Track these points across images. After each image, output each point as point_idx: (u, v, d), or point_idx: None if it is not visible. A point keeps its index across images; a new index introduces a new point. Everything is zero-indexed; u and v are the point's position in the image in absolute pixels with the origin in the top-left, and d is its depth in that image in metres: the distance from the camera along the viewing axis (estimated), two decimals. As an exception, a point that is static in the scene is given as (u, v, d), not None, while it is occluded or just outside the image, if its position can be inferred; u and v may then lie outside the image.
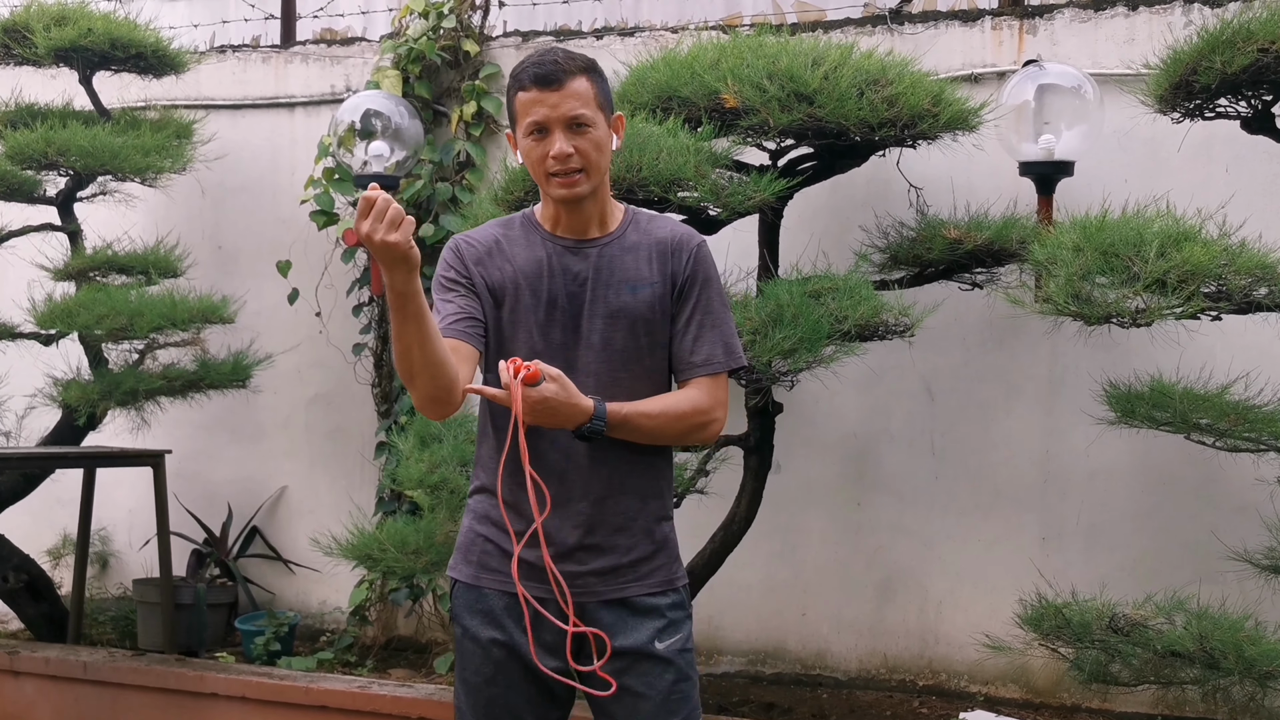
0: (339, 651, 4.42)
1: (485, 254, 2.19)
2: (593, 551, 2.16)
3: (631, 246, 2.20)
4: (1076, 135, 3.76)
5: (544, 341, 2.15)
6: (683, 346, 2.20)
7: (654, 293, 2.18)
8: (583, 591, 2.15)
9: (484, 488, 2.20)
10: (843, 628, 4.18)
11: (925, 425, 4.07)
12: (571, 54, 2.15)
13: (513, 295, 2.16)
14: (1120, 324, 3.06)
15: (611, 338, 2.16)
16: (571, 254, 2.19)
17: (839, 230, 4.06)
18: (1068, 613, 3.14)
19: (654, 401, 2.18)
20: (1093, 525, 3.92)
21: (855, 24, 4.21)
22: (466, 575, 2.20)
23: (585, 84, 2.12)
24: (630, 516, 2.18)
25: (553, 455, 2.14)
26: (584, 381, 2.13)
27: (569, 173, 2.13)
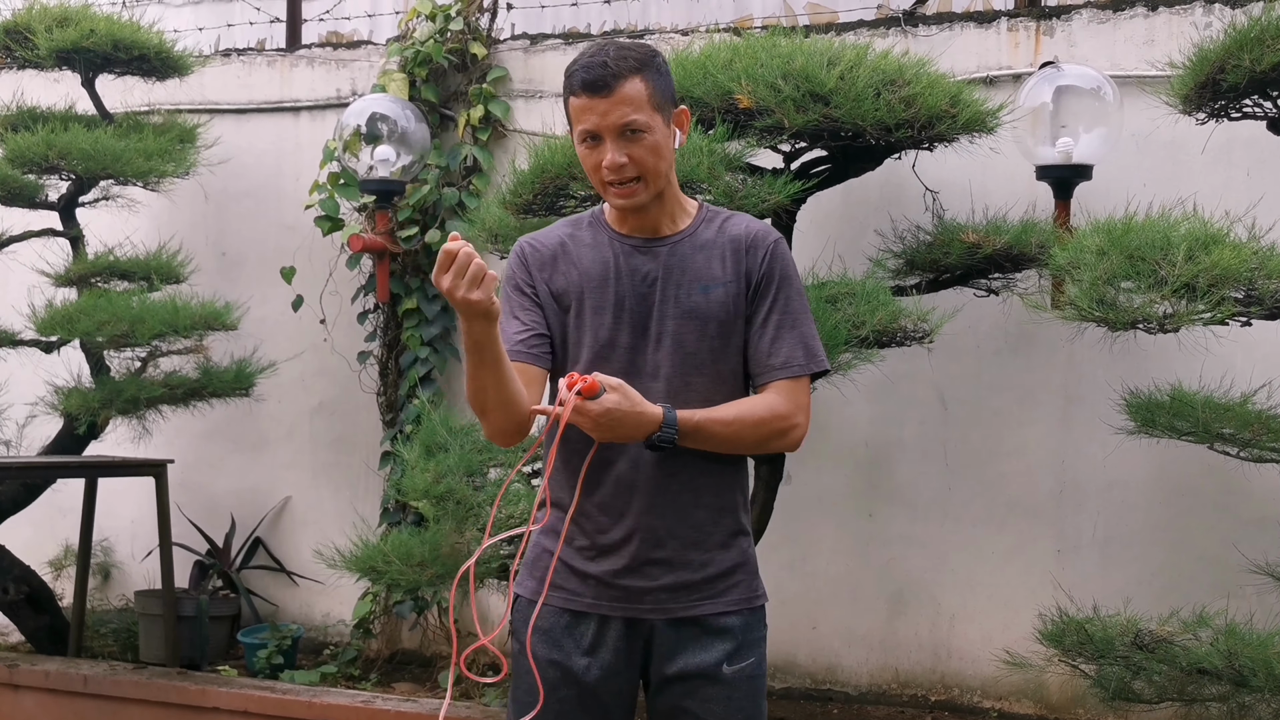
0: (343, 665, 4.34)
1: (550, 258, 2.12)
2: (662, 566, 2.06)
3: (704, 244, 2.10)
4: (1095, 138, 3.70)
5: (612, 345, 2.07)
6: (760, 348, 2.10)
7: (727, 292, 2.08)
8: (652, 608, 2.07)
9: (552, 501, 2.12)
10: (854, 641, 4.11)
11: (938, 435, 4.01)
12: (625, 51, 2.02)
13: (578, 299, 2.09)
14: (1147, 330, 2.99)
15: (683, 340, 2.07)
16: (640, 253, 2.10)
17: (853, 235, 3.99)
18: (1090, 628, 3.07)
19: (729, 407, 2.07)
20: (1109, 537, 3.86)
21: (869, 26, 4.15)
22: (529, 590, 2.12)
23: (639, 85, 2.00)
24: (704, 530, 2.09)
25: (621, 465, 2.06)
26: (653, 386, 2.05)
27: (625, 181, 2.03)
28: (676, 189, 2.14)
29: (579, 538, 2.08)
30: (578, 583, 2.09)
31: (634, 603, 2.07)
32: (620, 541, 2.07)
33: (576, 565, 2.08)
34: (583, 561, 2.08)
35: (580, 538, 2.08)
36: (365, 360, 4.59)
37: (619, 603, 2.07)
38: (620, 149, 2.01)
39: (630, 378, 2.04)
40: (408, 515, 4.32)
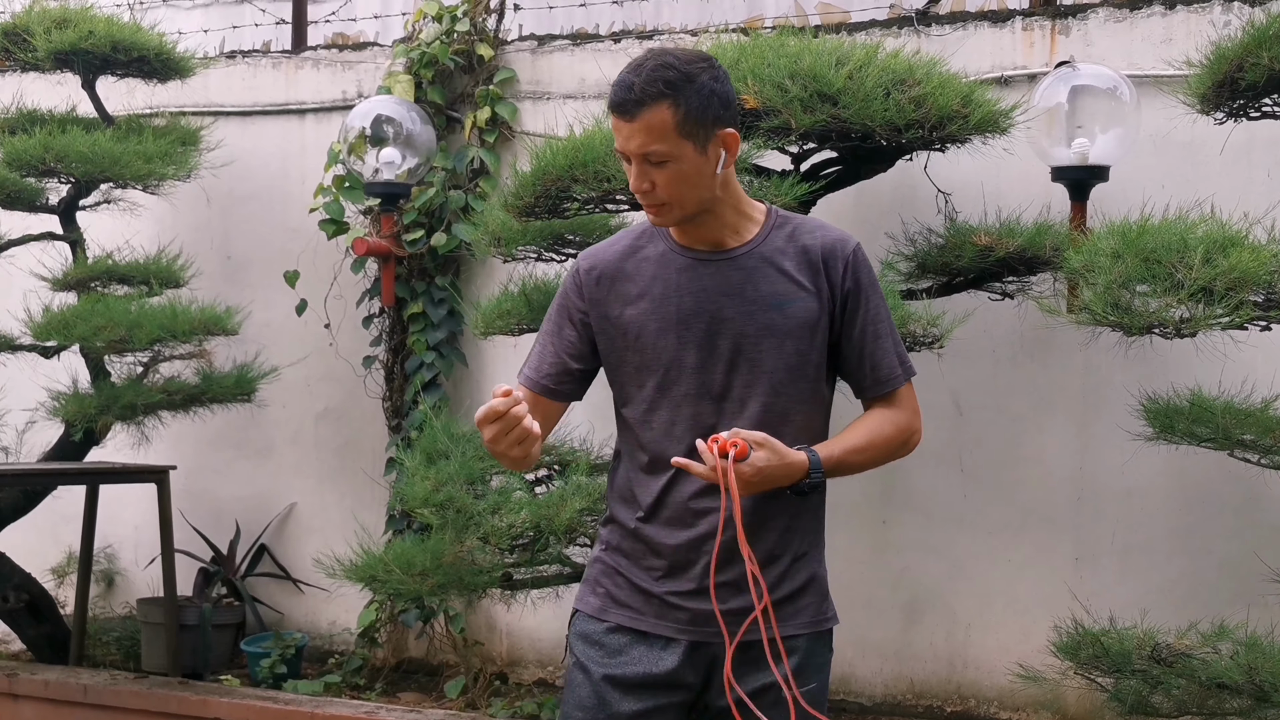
0: (347, 674, 4.29)
1: (609, 278, 2.03)
2: (729, 589, 1.97)
3: (775, 255, 2.00)
4: (1111, 139, 3.63)
5: (678, 367, 1.98)
6: (864, 364, 2.03)
7: (806, 308, 1.98)
8: (718, 632, 1.98)
9: (615, 519, 2.06)
10: (867, 651, 4.04)
11: (953, 441, 3.94)
12: (659, 72, 1.90)
13: (640, 319, 2.00)
14: (1163, 334, 2.92)
15: (758, 359, 1.97)
16: (704, 266, 2.00)
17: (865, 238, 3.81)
18: (1106, 641, 3.00)
19: (859, 433, 2.02)
20: (1128, 546, 3.78)
21: (880, 25, 4.09)
22: (591, 606, 2.06)
23: (664, 114, 1.89)
24: (773, 552, 2.00)
25: (684, 483, 1.97)
26: (726, 408, 1.97)
27: (653, 205, 1.97)
28: (735, 200, 2.01)
29: (647, 556, 2.02)
30: (642, 601, 2.02)
31: (700, 625, 2.00)
32: (688, 562, 2.00)
33: (642, 584, 2.02)
34: (650, 581, 2.02)
35: (649, 557, 2.02)
36: (370, 365, 4.54)
37: (685, 625, 2.00)
38: (643, 175, 1.94)
39: (699, 401, 1.98)
40: (413, 523, 4.27)
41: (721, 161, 1.97)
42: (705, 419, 1.99)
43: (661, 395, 2.00)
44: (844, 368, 2.07)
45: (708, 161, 1.95)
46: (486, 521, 3.27)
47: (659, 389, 2.00)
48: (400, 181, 4.21)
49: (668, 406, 2.00)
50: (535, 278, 3.69)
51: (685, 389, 1.99)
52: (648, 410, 2.02)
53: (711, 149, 1.95)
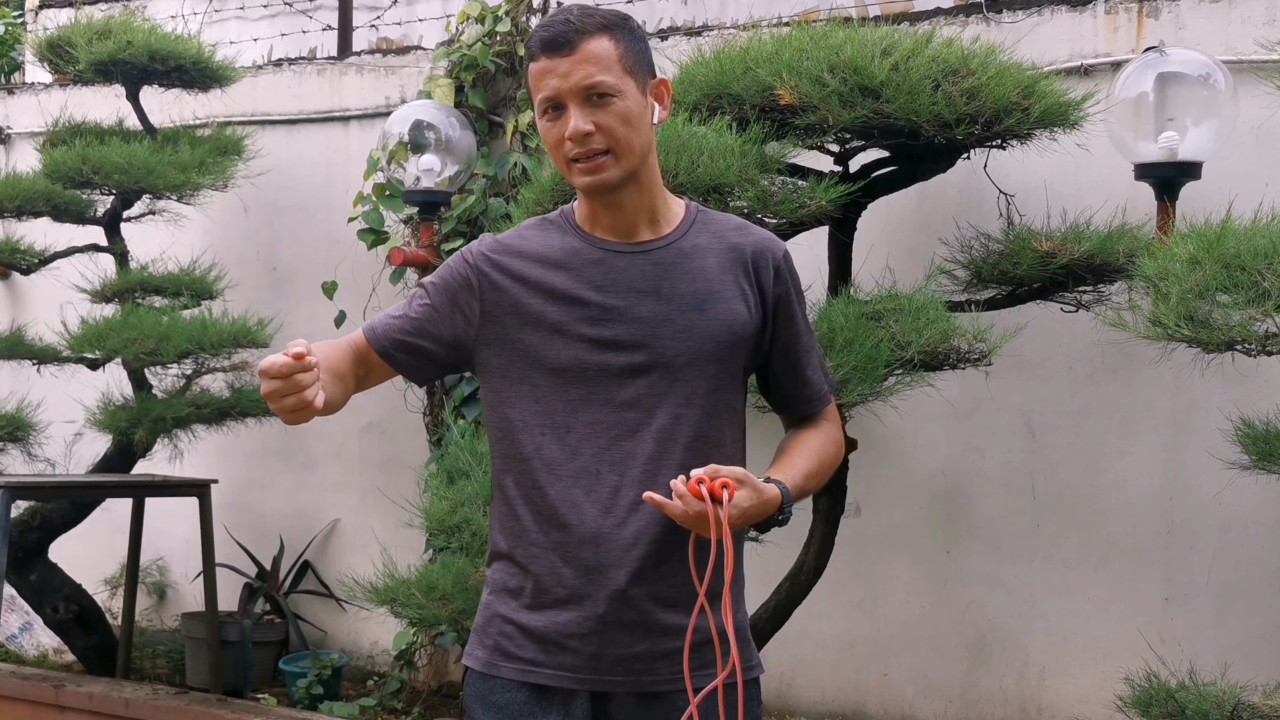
0: (385, 697, 4.17)
1: (507, 264, 1.79)
2: (632, 631, 1.75)
3: (696, 251, 1.79)
4: (1205, 132, 3.28)
5: (575, 370, 1.74)
6: (797, 379, 1.86)
7: (731, 310, 1.77)
8: (618, 680, 1.75)
9: (504, 554, 1.81)
10: (930, 692, 3.74)
11: (1025, 465, 3.64)
12: (591, 9, 1.75)
13: (537, 313, 1.76)
14: (1246, 351, 2.59)
15: (672, 365, 1.75)
16: (617, 259, 1.77)
17: (928, 245, 3.63)
18: (1181, 697, 2.66)
19: (811, 457, 1.82)
20: (1225, 585, 3.43)
21: (946, 14, 3.79)
22: (478, 661, 1.80)
23: (606, 44, 1.71)
24: (685, 589, 1.73)
25: (584, 504, 1.73)
26: (626, 417, 1.74)
27: (591, 155, 1.72)
28: (658, 180, 1.80)
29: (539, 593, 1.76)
30: (536, 649, 1.76)
31: (602, 673, 1.75)
32: (585, 597, 1.74)
33: (534, 626, 1.76)
34: (543, 622, 1.75)
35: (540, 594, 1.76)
36: (411, 379, 4.41)
37: (582, 673, 1.76)
38: (585, 115, 1.71)
39: (602, 409, 1.74)
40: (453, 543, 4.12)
41: (655, 113, 1.77)
42: (607, 429, 1.74)
43: (557, 400, 1.75)
44: (771, 381, 1.86)
45: (646, 108, 1.76)
46: (501, 547, 3.08)
47: (555, 393, 1.76)
48: (440, 189, 4.07)
49: (564, 413, 1.75)
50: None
51: (584, 393, 1.75)
52: (541, 418, 1.76)
53: (648, 95, 1.77)
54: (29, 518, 4.31)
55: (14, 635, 4.80)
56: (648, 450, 1.74)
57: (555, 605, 1.75)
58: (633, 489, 1.74)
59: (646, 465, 1.74)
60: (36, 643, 4.80)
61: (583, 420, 1.75)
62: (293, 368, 1.58)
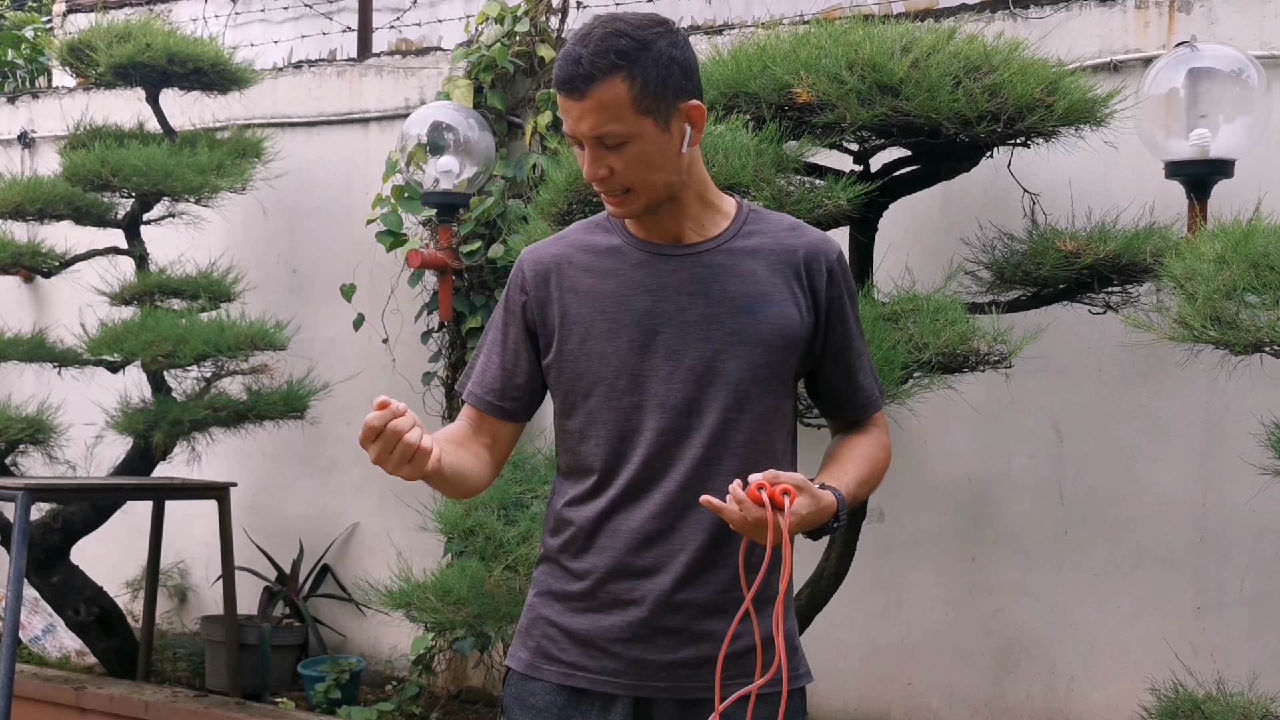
0: (404, 702, 4.14)
1: (550, 275, 1.79)
2: (676, 637, 1.74)
3: (747, 252, 1.77)
4: (1238, 129, 3.20)
5: (626, 374, 1.74)
6: (849, 384, 1.84)
7: (782, 313, 1.75)
8: (662, 686, 1.74)
9: (551, 556, 1.82)
10: (955, 701, 3.67)
11: (1053, 470, 3.56)
12: (608, 43, 1.67)
13: (584, 322, 1.76)
14: (1275, 353, 2.52)
15: (722, 368, 1.74)
16: (664, 261, 1.76)
17: (951, 245, 3.56)
18: (1208, 708, 2.59)
19: (863, 464, 1.80)
20: (1260, 595, 3.34)
21: (972, 10, 3.72)
22: (520, 663, 1.81)
23: (618, 87, 1.66)
24: (731, 595, 1.72)
25: (633, 509, 1.73)
26: (681, 423, 1.73)
27: (613, 191, 1.73)
28: (703, 188, 1.78)
29: (585, 597, 1.76)
30: (579, 652, 1.76)
31: (645, 679, 1.74)
32: (631, 602, 1.74)
33: (578, 629, 1.76)
34: (587, 625, 1.75)
35: (586, 597, 1.76)
36: (429, 381, 4.39)
37: (627, 677, 1.75)
38: (598, 161, 1.70)
39: (652, 413, 1.73)
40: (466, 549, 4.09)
41: (686, 138, 1.72)
42: (657, 434, 1.73)
43: (608, 406, 1.75)
44: (821, 385, 1.83)
45: (670, 139, 1.71)
46: (515, 550, 3.05)
47: (606, 398, 1.75)
48: (459, 191, 4.05)
49: (615, 419, 1.74)
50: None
51: (635, 399, 1.74)
52: (592, 423, 1.76)
53: (674, 125, 1.71)
54: (50, 520, 4.32)
55: (37, 638, 4.82)
56: (697, 456, 1.73)
57: (600, 609, 1.76)
58: (682, 495, 1.72)
59: (696, 471, 1.73)
60: (59, 645, 4.82)
61: (634, 427, 1.75)
62: (383, 418, 1.59)
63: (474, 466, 1.78)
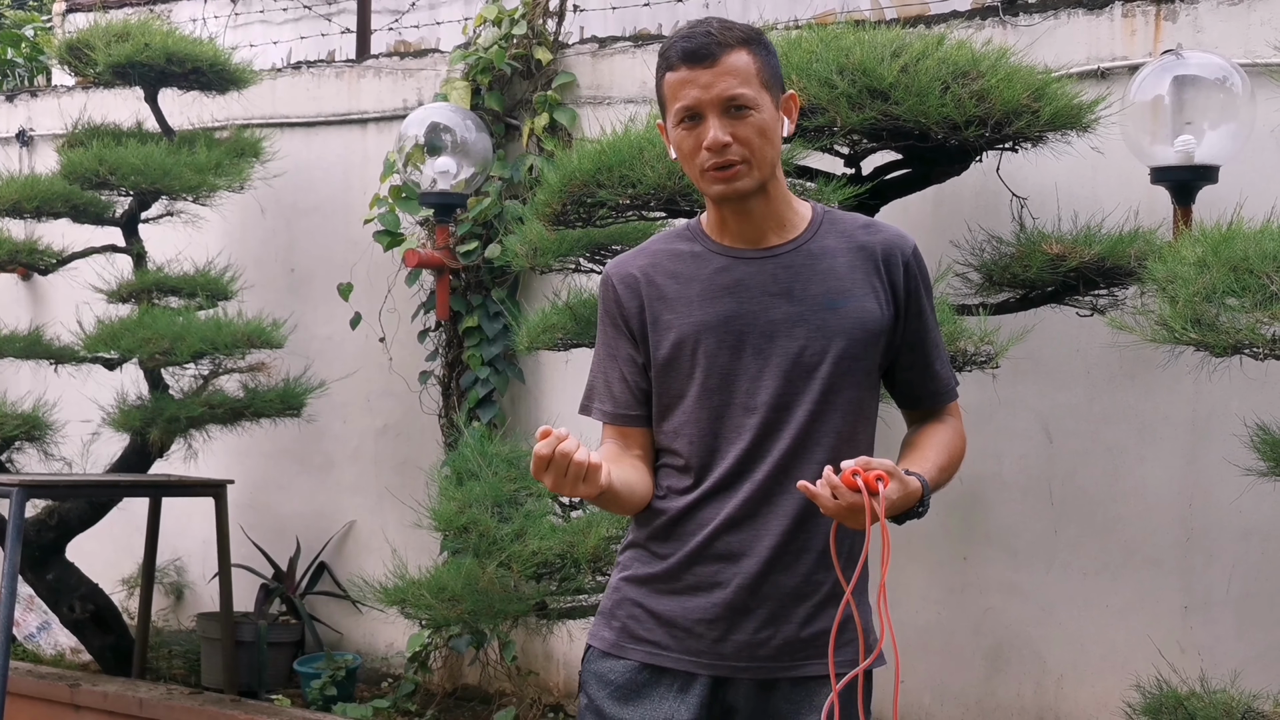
0: (399, 699, 4.17)
1: (640, 286, 1.87)
2: (758, 620, 1.82)
3: (827, 252, 1.84)
4: (1222, 135, 3.24)
5: (719, 375, 1.82)
6: (927, 374, 1.91)
7: (863, 308, 1.82)
8: (746, 665, 1.83)
9: (639, 543, 1.89)
10: (946, 699, 3.71)
11: (1042, 471, 3.60)
12: (730, 23, 1.81)
13: (676, 330, 1.84)
14: (1254, 355, 2.56)
15: (809, 364, 1.81)
16: (747, 264, 1.84)
17: (941, 248, 3.60)
18: (1191, 705, 2.64)
19: (941, 451, 1.88)
20: (1246, 594, 3.38)
21: (963, 17, 3.77)
22: (604, 642, 1.89)
23: (746, 58, 1.77)
24: (813, 578, 1.82)
25: (719, 501, 1.81)
26: (778, 421, 1.81)
27: (727, 164, 1.78)
28: (785, 187, 1.87)
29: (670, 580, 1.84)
30: (662, 633, 1.84)
31: (726, 659, 1.82)
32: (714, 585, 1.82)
33: (663, 612, 1.84)
34: (672, 608, 1.83)
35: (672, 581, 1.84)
36: (426, 380, 4.43)
37: (708, 658, 1.82)
38: (724, 126, 1.76)
39: (743, 411, 1.81)
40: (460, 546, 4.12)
41: (786, 127, 1.83)
42: (749, 431, 1.81)
43: (701, 406, 1.83)
44: (899, 376, 1.90)
45: (779, 121, 1.82)
46: (509, 547, 3.09)
47: (699, 399, 1.83)
48: (456, 191, 4.09)
49: (708, 417, 1.83)
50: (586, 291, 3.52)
51: (726, 398, 1.82)
52: (685, 422, 1.84)
53: (781, 107, 1.84)
54: (46, 517, 4.34)
55: (32, 635, 4.84)
56: (786, 448, 1.81)
57: (686, 592, 1.83)
58: (769, 485, 1.80)
59: (785, 462, 1.80)
60: (54, 642, 4.84)
61: (727, 425, 1.82)
62: (551, 445, 1.66)
63: (639, 476, 1.86)
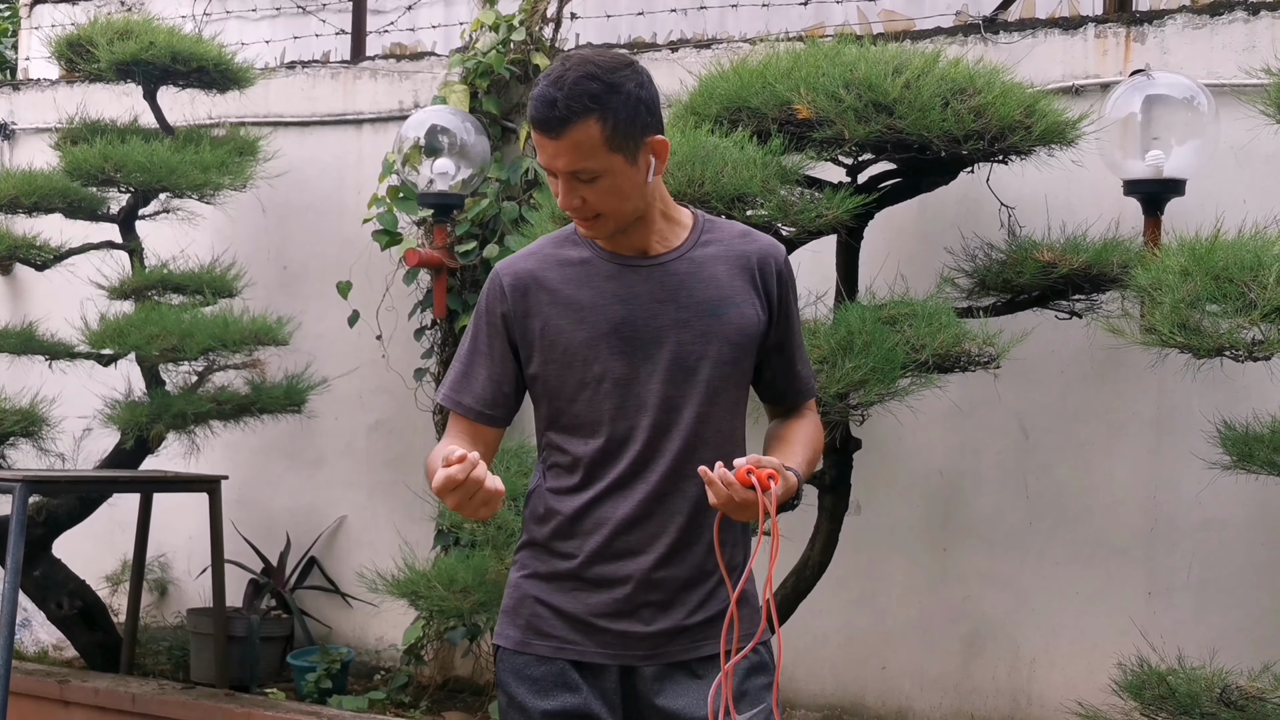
0: (393, 691, 4.25)
1: (528, 288, 1.93)
2: (656, 610, 1.91)
3: (707, 260, 1.94)
4: (1188, 151, 3.46)
5: (604, 378, 1.90)
6: (790, 374, 2.02)
7: (742, 314, 1.93)
8: (643, 655, 1.92)
9: (538, 542, 1.96)
10: (926, 684, 3.89)
11: (1018, 466, 3.78)
12: (579, 88, 1.80)
13: (561, 331, 1.91)
14: (1234, 357, 2.77)
15: (694, 367, 1.90)
16: (634, 272, 1.92)
17: (928, 253, 3.79)
18: (1172, 681, 2.83)
19: (807, 446, 1.98)
20: (1206, 580, 3.59)
21: (946, 33, 3.96)
22: (511, 640, 1.96)
23: (591, 129, 1.80)
24: (704, 566, 1.92)
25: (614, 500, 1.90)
26: (669, 420, 1.89)
27: (585, 219, 1.90)
28: (665, 205, 1.95)
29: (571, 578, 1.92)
30: (567, 628, 1.93)
31: (629, 649, 1.92)
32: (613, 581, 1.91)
33: (566, 608, 1.92)
34: (574, 604, 1.92)
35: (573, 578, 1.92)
36: (421, 378, 4.51)
37: (611, 649, 1.92)
38: (572, 191, 1.86)
39: (633, 413, 1.90)
40: (460, 539, 4.21)
41: (652, 169, 1.89)
42: (641, 432, 1.90)
43: (593, 410, 1.91)
44: (765, 375, 2.02)
45: (638, 171, 1.87)
46: (526, 539, 3.20)
47: (590, 404, 1.91)
48: (454, 192, 4.18)
49: (601, 422, 1.91)
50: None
51: (618, 402, 1.90)
52: (578, 425, 1.92)
53: (641, 158, 1.87)
54: (34, 514, 4.30)
55: (15, 630, 4.81)
56: (678, 448, 1.91)
57: (587, 588, 1.91)
58: (663, 485, 1.90)
59: (678, 462, 1.91)
60: (35, 639, 4.82)
61: (620, 427, 1.91)
62: (465, 470, 1.73)
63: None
